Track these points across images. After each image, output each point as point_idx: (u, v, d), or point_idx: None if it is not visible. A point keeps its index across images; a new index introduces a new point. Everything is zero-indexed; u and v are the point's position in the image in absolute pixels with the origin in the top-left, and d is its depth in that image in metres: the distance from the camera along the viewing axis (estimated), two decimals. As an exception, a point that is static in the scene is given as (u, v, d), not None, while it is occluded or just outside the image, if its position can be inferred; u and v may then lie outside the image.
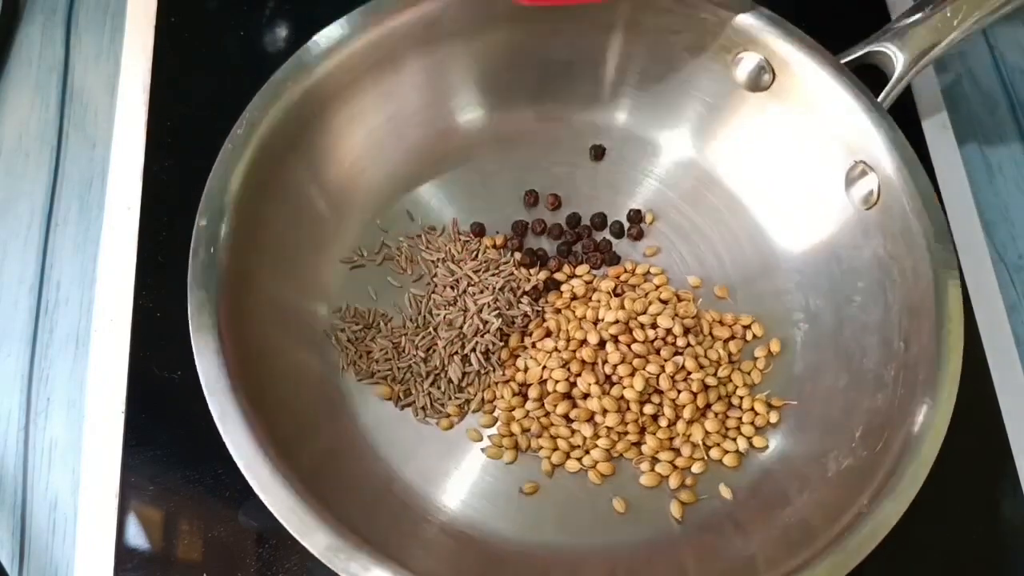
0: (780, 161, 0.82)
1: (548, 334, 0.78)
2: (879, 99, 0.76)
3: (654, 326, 0.77)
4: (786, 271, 0.82)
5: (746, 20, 0.78)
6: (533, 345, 0.78)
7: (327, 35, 0.75)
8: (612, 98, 0.87)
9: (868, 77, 0.77)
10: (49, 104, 0.91)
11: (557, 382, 0.75)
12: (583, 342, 0.76)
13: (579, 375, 0.75)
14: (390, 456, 0.74)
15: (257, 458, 0.62)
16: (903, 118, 0.77)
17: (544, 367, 0.76)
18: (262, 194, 0.73)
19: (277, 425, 0.66)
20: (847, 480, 0.68)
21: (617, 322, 0.76)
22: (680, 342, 0.77)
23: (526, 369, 0.77)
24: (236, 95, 0.73)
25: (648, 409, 0.75)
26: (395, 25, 0.77)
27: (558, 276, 0.82)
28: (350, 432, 0.74)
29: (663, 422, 0.75)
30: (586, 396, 0.75)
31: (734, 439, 0.75)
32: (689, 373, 0.76)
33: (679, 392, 0.75)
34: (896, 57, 0.77)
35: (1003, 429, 0.78)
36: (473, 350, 0.77)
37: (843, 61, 0.78)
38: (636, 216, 0.84)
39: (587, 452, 0.74)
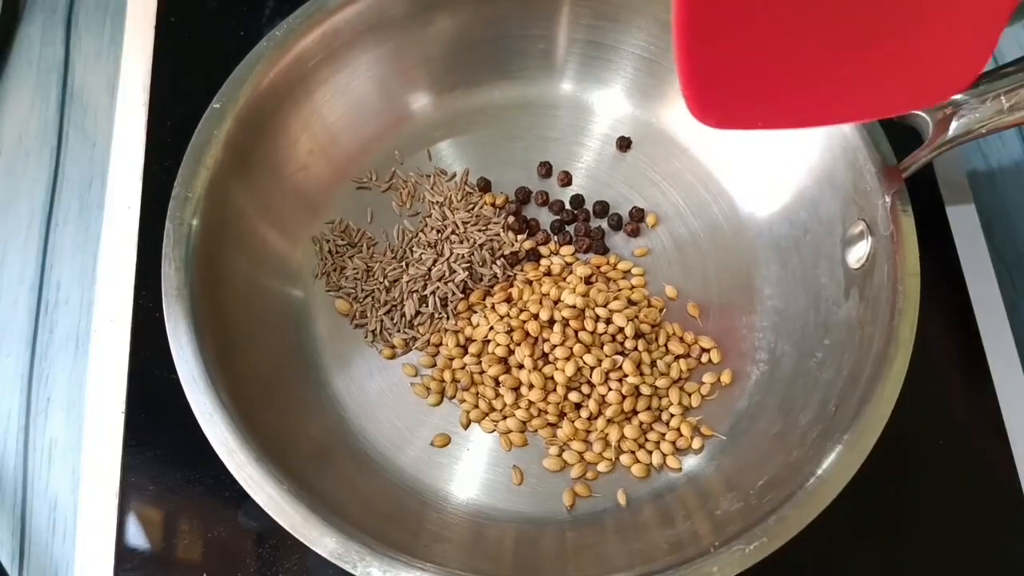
0: (795, 202, 0.80)
1: (508, 300, 0.80)
2: (901, 165, 0.72)
3: (608, 321, 0.77)
4: (766, 309, 0.80)
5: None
6: (492, 307, 0.80)
7: None
8: (646, 97, 0.87)
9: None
10: (49, 104, 0.92)
11: (498, 345, 0.77)
12: (535, 316, 0.77)
13: (519, 345, 0.77)
14: (359, 418, 0.77)
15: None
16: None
17: (491, 328, 0.78)
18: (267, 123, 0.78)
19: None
20: (727, 521, 0.67)
21: (573, 307, 0.77)
22: (629, 344, 0.77)
23: (476, 325, 0.79)
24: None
25: (573, 396, 0.76)
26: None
27: (542, 249, 0.83)
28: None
29: (584, 413, 0.76)
30: (520, 367, 0.77)
31: (650, 452, 0.75)
32: (625, 375, 0.76)
33: (610, 390, 0.76)
34: (936, 128, 0.72)
35: (1003, 429, 0.77)
36: (432, 293, 0.80)
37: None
38: (638, 214, 0.84)
39: (504, 418, 0.76)
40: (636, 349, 0.77)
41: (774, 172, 0.81)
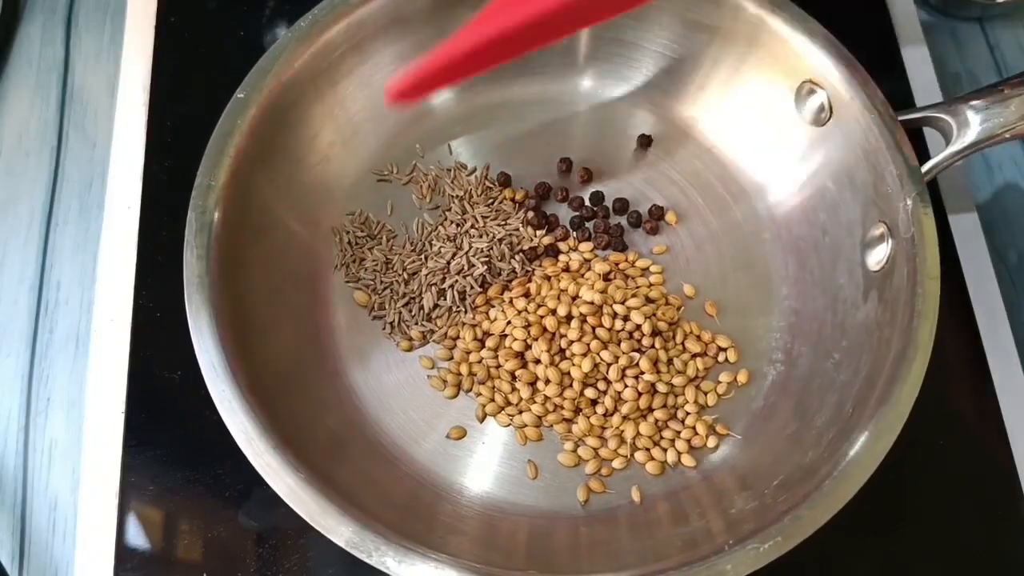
0: (815, 203, 0.81)
1: (526, 295, 0.80)
2: (924, 168, 0.73)
3: (626, 318, 0.78)
4: (784, 310, 0.81)
5: (820, 59, 0.77)
6: (510, 301, 0.80)
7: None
8: (667, 95, 0.88)
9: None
10: (49, 104, 0.91)
11: (515, 340, 0.77)
12: (553, 311, 0.78)
13: (536, 340, 0.77)
14: (372, 405, 0.77)
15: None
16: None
17: (509, 322, 0.78)
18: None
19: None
20: (742, 520, 0.67)
21: (591, 303, 0.77)
22: (646, 341, 0.77)
23: (493, 320, 0.79)
24: (236, 95, 0.75)
25: (590, 393, 0.76)
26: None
27: (561, 245, 0.83)
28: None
29: (600, 409, 0.76)
30: (537, 362, 0.77)
31: (665, 449, 0.75)
32: (642, 372, 0.76)
33: (626, 387, 0.76)
34: (959, 132, 0.73)
35: (1003, 429, 0.78)
36: (451, 287, 0.80)
37: (902, 118, 0.75)
38: (657, 212, 0.84)
39: (520, 412, 0.77)
40: (653, 347, 0.77)
41: (794, 173, 0.82)
